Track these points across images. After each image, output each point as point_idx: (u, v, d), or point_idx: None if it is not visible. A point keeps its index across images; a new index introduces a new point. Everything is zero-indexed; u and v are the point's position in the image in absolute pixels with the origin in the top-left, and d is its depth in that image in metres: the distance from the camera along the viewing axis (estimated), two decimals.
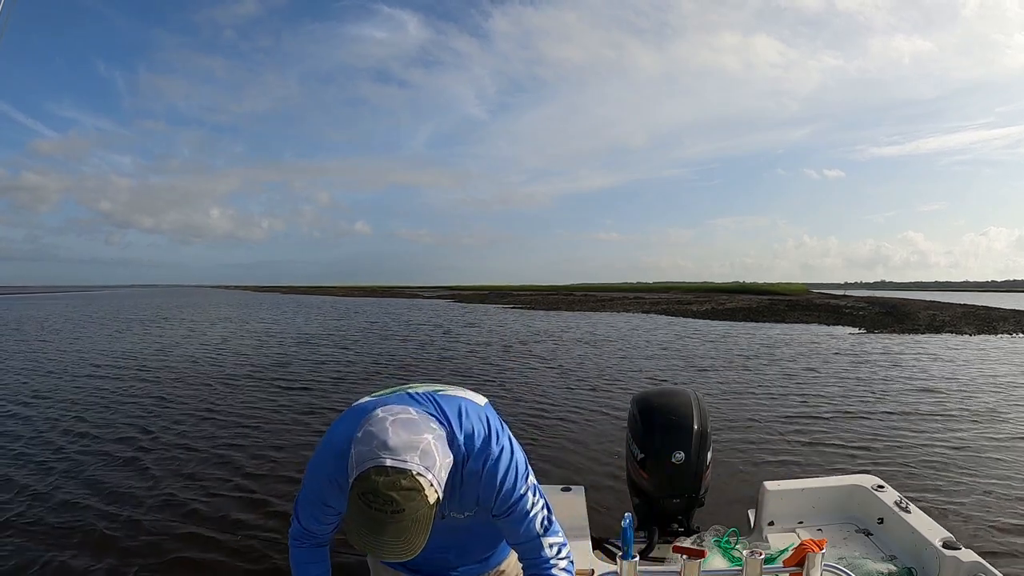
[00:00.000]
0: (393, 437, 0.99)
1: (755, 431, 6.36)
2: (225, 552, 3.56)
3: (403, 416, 1.04)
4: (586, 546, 2.09)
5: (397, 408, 1.08)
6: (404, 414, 1.05)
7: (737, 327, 21.65)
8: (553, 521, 1.28)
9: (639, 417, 2.44)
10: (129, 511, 4.17)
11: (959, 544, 1.76)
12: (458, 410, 1.22)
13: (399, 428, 1.01)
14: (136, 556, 3.51)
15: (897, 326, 21.33)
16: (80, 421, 6.81)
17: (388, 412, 1.05)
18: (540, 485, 1.31)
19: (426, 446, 1.00)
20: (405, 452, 0.98)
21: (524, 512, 1.23)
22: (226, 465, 5.23)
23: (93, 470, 5.06)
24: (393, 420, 1.03)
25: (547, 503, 1.29)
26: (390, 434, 0.99)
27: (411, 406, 1.13)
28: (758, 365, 11.52)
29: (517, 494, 1.22)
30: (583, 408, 7.52)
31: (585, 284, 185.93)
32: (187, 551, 3.57)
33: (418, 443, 1.00)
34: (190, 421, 6.85)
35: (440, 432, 1.08)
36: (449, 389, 1.30)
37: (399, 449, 0.98)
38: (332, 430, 1.23)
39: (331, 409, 7.49)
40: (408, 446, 0.98)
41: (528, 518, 1.24)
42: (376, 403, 1.19)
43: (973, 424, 6.72)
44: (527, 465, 1.27)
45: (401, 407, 1.09)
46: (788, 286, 72.61)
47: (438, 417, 1.17)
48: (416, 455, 0.98)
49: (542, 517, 1.26)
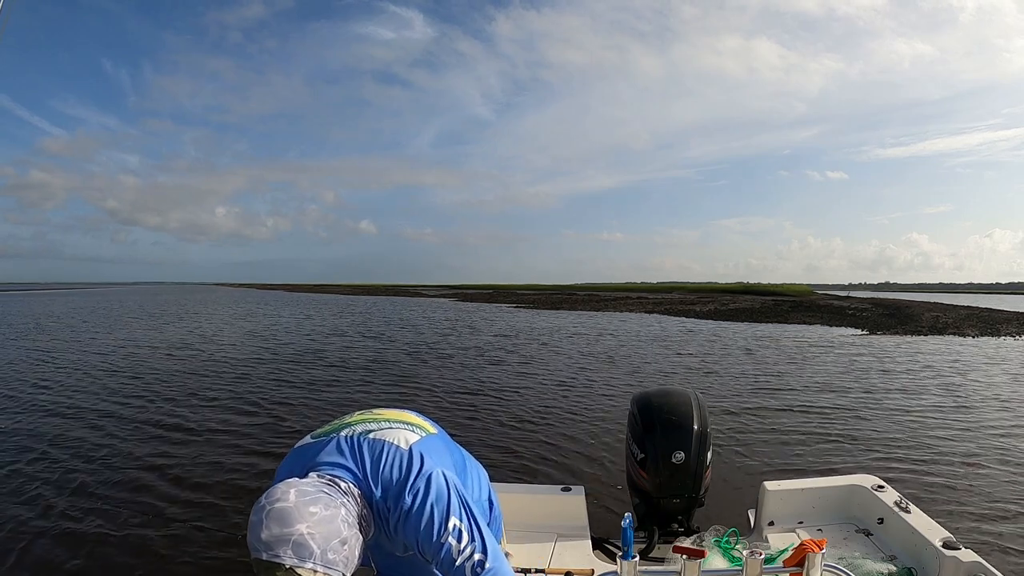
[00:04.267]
0: (265, 531, 1.04)
1: (755, 431, 6.35)
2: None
3: (279, 506, 1.06)
4: (586, 546, 2.10)
5: (278, 493, 1.09)
6: (282, 502, 1.07)
7: (740, 327, 21.60)
8: (488, 567, 1.23)
9: (639, 417, 2.43)
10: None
11: (959, 544, 1.76)
12: (378, 458, 1.25)
13: (272, 522, 1.04)
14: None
15: (900, 328, 21.25)
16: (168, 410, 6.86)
17: (269, 501, 1.08)
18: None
19: (298, 538, 1.04)
20: (277, 547, 1.03)
21: (450, 561, 1.22)
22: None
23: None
24: (269, 511, 1.06)
25: (484, 544, 1.24)
26: (263, 528, 1.04)
27: (305, 483, 1.14)
28: (759, 365, 11.50)
29: (436, 543, 1.21)
30: (582, 408, 7.52)
31: (589, 284, 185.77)
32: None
33: (289, 536, 1.03)
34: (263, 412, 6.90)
35: (327, 512, 1.09)
36: (385, 427, 1.32)
37: (271, 544, 1.03)
38: (276, 473, 1.30)
39: (332, 408, 7.53)
40: (280, 540, 1.03)
41: (454, 567, 1.22)
42: (298, 458, 1.27)
43: (973, 424, 6.69)
44: (459, 504, 1.24)
45: (283, 491, 1.09)
46: (792, 287, 72.36)
47: (354, 473, 1.21)
48: (288, 548, 1.03)
49: (472, 564, 1.22)
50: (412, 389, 8.96)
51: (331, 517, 1.09)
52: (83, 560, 3.47)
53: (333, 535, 1.08)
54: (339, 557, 1.08)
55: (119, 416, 7.00)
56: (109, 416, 6.99)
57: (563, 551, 2.08)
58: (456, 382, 9.56)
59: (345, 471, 1.22)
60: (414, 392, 8.72)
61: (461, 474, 1.40)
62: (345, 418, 1.39)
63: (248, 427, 6.57)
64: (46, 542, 3.70)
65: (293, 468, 1.25)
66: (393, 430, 1.32)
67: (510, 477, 4.64)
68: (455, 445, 1.50)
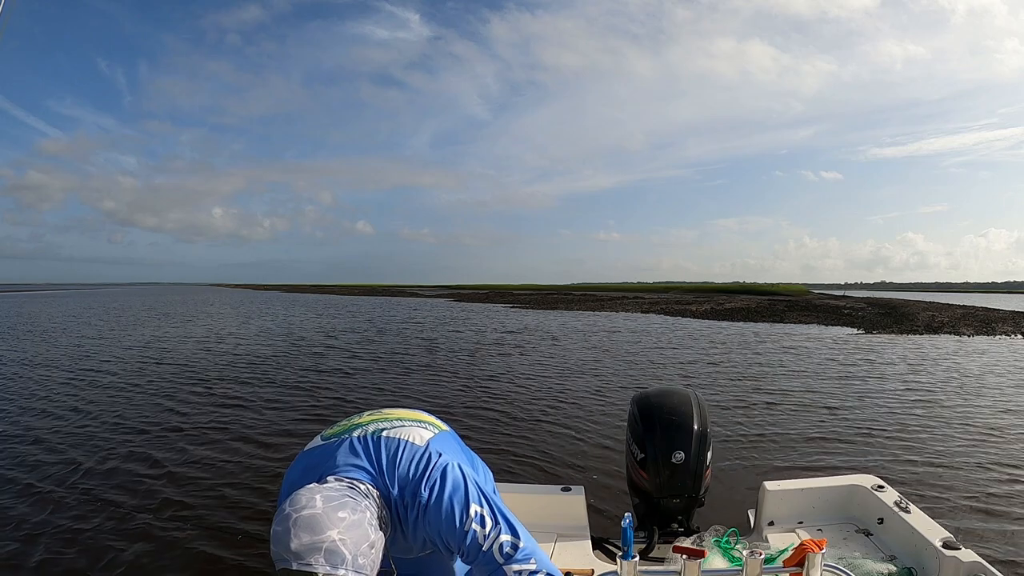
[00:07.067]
0: (295, 541, 1.00)
1: (755, 431, 6.36)
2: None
3: (306, 513, 1.03)
4: (586, 546, 2.09)
5: (303, 500, 1.06)
6: (309, 509, 1.04)
7: (736, 327, 21.64)
8: (520, 546, 1.22)
9: (639, 417, 2.43)
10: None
11: (959, 544, 1.76)
12: (394, 455, 1.24)
13: (300, 531, 1.01)
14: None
15: (896, 327, 21.32)
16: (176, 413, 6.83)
17: (294, 508, 1.05)
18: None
19: (331, 545, 1.01)
20: (309, 555, 1.00)
21: (476, 547, 1.20)
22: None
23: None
24: (296, 519, 1.03)
25: (511, 525, 1.24)
26: (291, 537, 1.01)
27: (328, 488, 1.12)
28: (757, 365, 11.52)
29: (460, 532, 1.20)
30: (582, 407, 7.52)
31: (586, 284, 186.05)
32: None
33: (321, 544, 1.01)
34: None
35: (355, 516, 1.08)
36: (398, 425, 1.33)
37: (302, 553, 1.00)
38: (285, 478, 1.29)
39: (341, 404, 7.51)
40: (311, 549, 1.00)
41: (481, 552, 1.21)
42: (311, 461, 1.26)
43: (973, 424, 6.71)
44: (478, 492, 1.24)
45: (308, 497, 1.07)
46: (788, 287, 72.59)
47: (370, 473, 1.21)
48: (320, 556, 1.00)
49: (500, 544, 1.21)
50: (412, 388, 8.95)
51: (359, 521, 1.08)
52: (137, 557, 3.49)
53: (362, 539, 1.06)
54: (368, 561, 1.07)
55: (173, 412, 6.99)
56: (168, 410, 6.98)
57: (563, 551, 2.07)
58: (453, 382, 9.55)
59: (362, 472, 1.21)
60: (413, 392, 8.71)
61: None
62: (354, 418, 1.38)
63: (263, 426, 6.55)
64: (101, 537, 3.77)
65: (307, 471, 1.23)
66: (407, 427, 1.33)
67: (510, 477, 4.63)
68: (464, 444, 1.51)
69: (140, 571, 3.39)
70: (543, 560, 1.25)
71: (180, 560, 3.51)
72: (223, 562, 3.48)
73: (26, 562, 3.45)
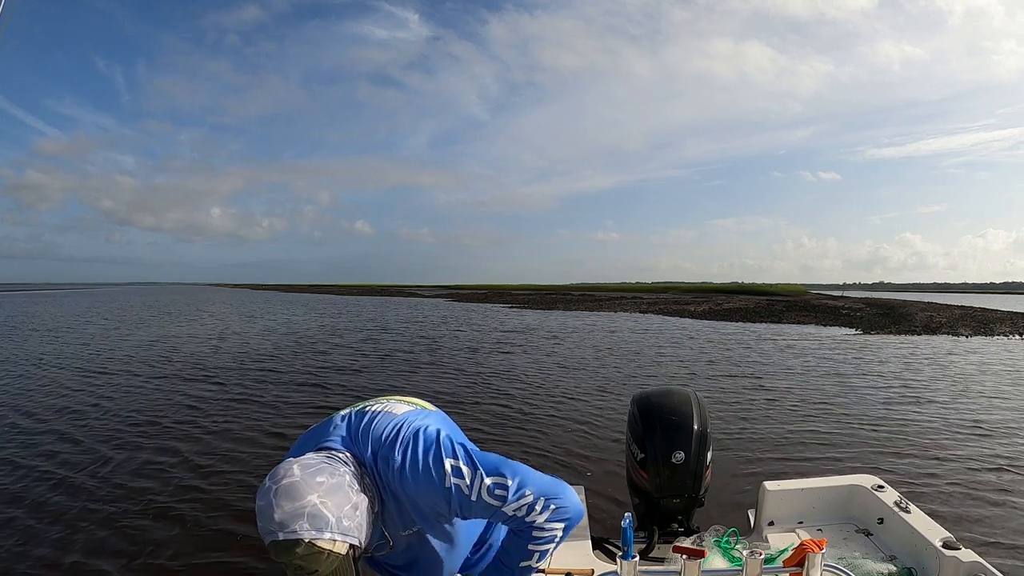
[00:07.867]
0: (277, 511, 1.02)
1: (755, 431, 6.36)
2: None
3: (285, 482, 1.05)
4: (586, 546, 2.09)
5: (282, 472, 1.08)
6: (288, 478, 1.06)
7: (735, 327, 21.64)
8: (508, 484, 1.21)
9: (639, 417, 2.43)
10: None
11: (959, 544, 1.75)
12: (369, 423, 1.27)
13: (281, 499, 1.03)
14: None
15: (894, 327, 21.34)
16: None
17: (274, 481, 1.06)
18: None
19: (312, 509, 1.02)
20: (292, 522, 1.01)
21: (465, 500, 1.20)
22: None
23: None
24: (276, 489, 1.04)
25: (490, 465, 1.22)
26: (274, 507, 1.02)
27: (305, 458, 1.13)
28: (756, 365, 11.53)
29: (443, 489, 1.19)
30: (581, 407, 7.52)
31: (584, 284, 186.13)
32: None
33: (303, 509, 1.02)
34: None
35: (333, 480, 1.09)
36: (383, 402, 1.37)
37: (285, 521, 1.01)
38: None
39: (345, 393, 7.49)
40: (293, 515, 1.01)
41: (473, 503, 1.20)
42: (298, 446, 1.28)
43: (972, 423, 6.72)
44: (451, 446, 1.23)
45: (286, 469, 1.08)
46: (786, 287, 72.65)
47: (347, 440, 1.23)
48: (304, 521, 1.01)
49: (487, 488, 1.20)
50: (419, 384, 8.94)
51: (338, 484, 1.09)
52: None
53: (344, 501, 1.08)
54: (353, 524, 1.08)
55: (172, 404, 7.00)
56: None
57: (563, 551, 2.07)
58: (457, 378, 9.57)
59: (339, 440, 1.23)
60: (420, 388, 8.69)
61: None
62: (342, 409, 1.41)
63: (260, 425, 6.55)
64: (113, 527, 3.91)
65: (295, 452, 1.26)
66: (390, 404, 1.36)
67: None
68: (454, 424, 1.50)
69: (176, 550, 3.59)
70: (537, 483, 1.25)
71: (208, 540, 3.74)
72: (251, 539, 3.61)
73: (71, 547, 3.62)
